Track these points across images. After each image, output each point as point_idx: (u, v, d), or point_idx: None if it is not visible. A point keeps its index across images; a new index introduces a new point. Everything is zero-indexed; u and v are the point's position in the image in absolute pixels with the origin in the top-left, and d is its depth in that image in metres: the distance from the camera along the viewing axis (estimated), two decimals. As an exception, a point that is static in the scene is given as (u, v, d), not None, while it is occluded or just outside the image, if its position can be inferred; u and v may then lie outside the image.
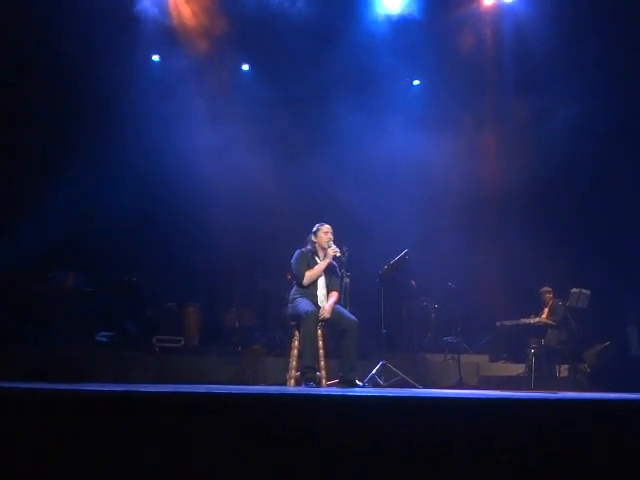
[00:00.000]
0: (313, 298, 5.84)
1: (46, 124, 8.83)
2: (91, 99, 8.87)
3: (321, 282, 5.91)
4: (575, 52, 8.71)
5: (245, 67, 10.23)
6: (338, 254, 5.89)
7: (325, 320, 5.70)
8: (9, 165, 8.47)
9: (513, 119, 9.90)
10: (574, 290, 8.23)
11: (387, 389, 6.03)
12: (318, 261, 5.94)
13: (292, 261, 5.97)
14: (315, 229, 6.02)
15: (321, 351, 5.78)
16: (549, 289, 8.70)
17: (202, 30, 9.24)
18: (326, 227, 6.01)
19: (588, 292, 8.21)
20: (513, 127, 9.90)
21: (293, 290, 5.98)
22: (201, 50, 9.22)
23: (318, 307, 5.77)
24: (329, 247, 5.89)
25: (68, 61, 8.57)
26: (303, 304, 5.74)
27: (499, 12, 9.59)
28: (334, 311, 5.75)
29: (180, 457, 2.42)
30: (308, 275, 5.85)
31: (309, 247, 6.00)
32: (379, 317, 6.87)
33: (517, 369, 8.52)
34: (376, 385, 6.42)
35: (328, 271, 5.94)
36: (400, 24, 9.46)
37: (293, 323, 5.92)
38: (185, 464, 2.41)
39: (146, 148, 8.90)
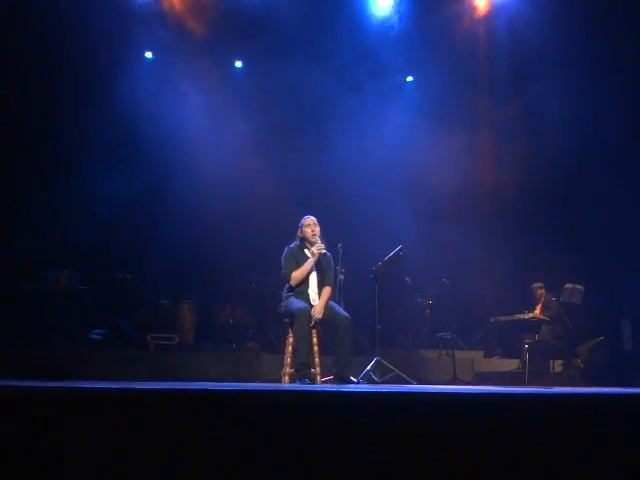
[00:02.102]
0: (305, 297, 5.81)
1: (43, 122, 8.79)
2: (87, 98, 8.84)
3: (312, 280, 5.85)
4: (569, 49, 8.71)
5: (238, 64, 10.19)
6: (323, 251, 5.80)
7: (317, 320, 5.68)
8: (6, 163, 8.43)
9: (506, 116, 9.89)
10: (568, 285, 8.25)
11: (382, 385, 6.04)
12: (308, 254, 5.90)
13: (282, 259, 5.94)
14: (300, 223, 5.95)
15: (315, 348, 5.78)
16: (541, 285, 8.71)
17: (194, 20, 9.19)
18: (309, 219, 5.91)
19: (582, 287, 8.23)
20: (507, 124, 9.89)
21: (286, 288, 5.95)
22: (194, 40, 9.16)
23: (311, 305, 5.75)
24: (315, 243, 5.80)
25: (65, 55, 8.56)
26: (295, 302, 5.72)
27: (492, 10, 9.58)
28: (327, 308, 5.73)
29: (175, 453, 2.41)
30: (294, 276, 5.79)
31: (297, 242, 5.94)
32: (373, 313, 6.85)
33: (511, 364, 8.54)
34: (371, 381, 6.43)
35: (320, 267, 5.87)
36: (394, 20, 9.45)
37: (287, 320, 5.92)
38: (180, 460, 2.41)
39: (142, 146, 8.89)
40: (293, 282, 5.81)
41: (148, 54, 9.67)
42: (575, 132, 8.84)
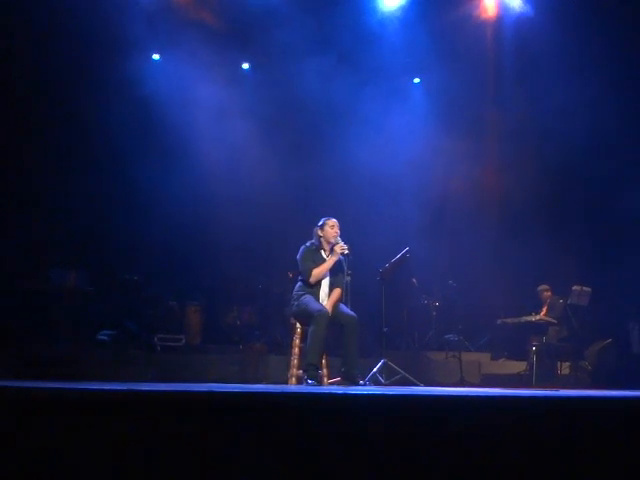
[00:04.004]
0: (315, 296, 5.81)
1: (47, 123, 8.82)
2: (94, 98, 8.87)
3: (325, 281, 5.87)
4: (576, 51, 8.69)
5: (245, 66, 10.19)
6: (346, 252, 5.83)
7: (329, 319, 5.69)
8: (11, 163, 8.47)
9: (514, 120, 9.85)
10: (575, 287, 8.23)
11: (388, 387, 6.03)
12: (323, 255, 5.89)
13: (298, 258, 5.92)
14: (321, 223, 5.94)
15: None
16: (547, 287, 8.69)
17: (202, 19, 9.19)
18: (333, 221, 5.93)
19: (589, 289, 8.21)
20: (514, 128, 9.86)
21: (297, 286, 5.94)
22: (203, 41, 9.15)
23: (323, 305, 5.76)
24: (336, 243, 5.83)
25: (70, 55, 8.60)
26: (313, 303, 5.71)
27: (501, 13, 9.57)
28: (333, 307, 5.75)
29: (181, 456, 2.42)
30: (315, 273, 5.78)
31: (314, 241, 5.94)
32: (380, 315, 6.84)
33: (518, 367, 8.52)
34: (377, 383, 6.41)
35: (334, 268, 5.88)
36: (401, 21, 9.44)
37: (294, 321, 5.91)
38: (186, 463, 2.41)
39: (147, 147, 8.90)
40: (313, 279, 5.80)
41: (155, 56, 9.67)
42: (583, 134, 8.80)
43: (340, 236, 5.92)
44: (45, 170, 8.78)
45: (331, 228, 5.90)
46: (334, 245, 5.85)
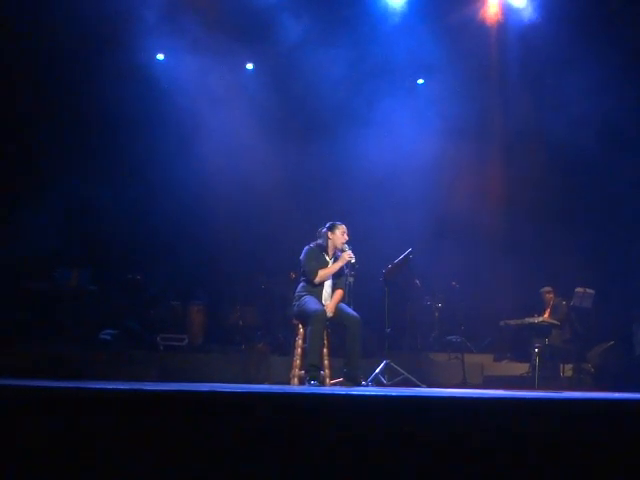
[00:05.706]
0: (318, 296, 5.83)
1: (51, 121, 8.83)
2: (96, 96, 8.86)
3: (328, 281, 5.90)
4: (580, 55, 8.68)
5: (249, 66, 10.16)
6: (353, 260, 5.86)
7: (327, 319, 5.70)
8: (14, 162, 8.48)
9: (518, 121, 9.84)
10: (578, 289, 8.21)
11: (391, 388, 6.03)
12: (326, 258, 5.92)
13: (302, 258, 5.93)
14: (331, 225, 5.96)
15: (325, 350, 5.79)
16: (549, 289, 8.67)
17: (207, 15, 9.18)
18: (343, 227, 5.97)
19: (592, 291, 8.18)
20: (518, 129, 9.85)
21: (300, 287, 5.95)
22: (207, 43, 9.13)
23: (322, 305, 5.77)
24: (344, 250, 5.86)
25: (74, 56, 8.61)
26: (312, 302, 5.73)
27: (506, 18, 9.55)
28: (336, 308, 5.77)
29: (184, 455, 2.41)
30: (321, 274, 5.82)
31: (320, 242, 5.96)
32: (383, 316, 6.84)
33: (521, 368, 8.50)
34: (380, 384, 6.41)
35: (337, 272, 5.92)
36: (406, 20, 9.43)
37: (296, 322, 5.92)
38: (189, 462, 2.41)
39: (149, 146, 8.91)
40: (318, 280, 5.83)
41: (160, 56, 9.63)
42: (588, 138, 8.78)
43: (347, 242, 5.94)
44: (48, 170, 8.80)
45: (341, 234, 5.94)
46: (341, 251, 5.88)
